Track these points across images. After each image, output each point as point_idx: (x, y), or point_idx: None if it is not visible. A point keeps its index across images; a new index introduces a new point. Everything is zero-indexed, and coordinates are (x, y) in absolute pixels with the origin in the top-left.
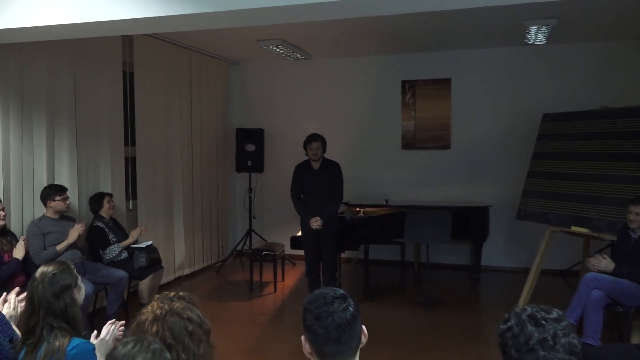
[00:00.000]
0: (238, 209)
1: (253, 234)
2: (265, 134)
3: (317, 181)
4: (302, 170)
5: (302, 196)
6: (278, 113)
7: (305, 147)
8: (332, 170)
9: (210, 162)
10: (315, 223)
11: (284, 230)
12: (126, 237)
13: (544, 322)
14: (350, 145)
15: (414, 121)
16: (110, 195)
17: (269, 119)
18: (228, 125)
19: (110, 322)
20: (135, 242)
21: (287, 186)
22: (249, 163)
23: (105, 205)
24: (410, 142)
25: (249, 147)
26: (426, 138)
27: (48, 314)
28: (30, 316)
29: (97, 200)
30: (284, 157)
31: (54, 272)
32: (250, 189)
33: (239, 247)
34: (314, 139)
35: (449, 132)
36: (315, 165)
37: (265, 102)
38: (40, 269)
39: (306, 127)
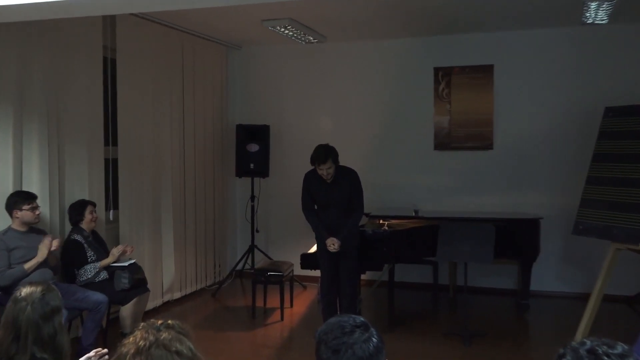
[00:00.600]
0: (238, 221)
1: (256, 250)
2: (271, 131)
3: (332, 193)
4: (312, 179)
5: (315, 207)
6: (286, 107)
7: (312, 164)
8: (348, 180)
9: (206, 165)
10: (332, 246)
11: (293, 247)
12: (108, 255)
13: (606, 358)
14: (373, 145)
15: (449, 116)
16: (94, 204)
17: (275, 114)
18: (227, 121)
19: (94, 351)
20: (116, 260)
21: (297, 194)
22: (252, 166)
23: (88, 216)
24: (444, 142)
25: (252, 148)
26: (463, 136)
27: (35, 341)
28: (11, 343)
29: (77, 210)
30: (294, 159)
31: (42, 292)
32: (252, 197)
33: (240, 267)
34: (322, 161)
35: (491, 129)
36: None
37: (272, 93)
38: (25, 289)
39: (320, 124)
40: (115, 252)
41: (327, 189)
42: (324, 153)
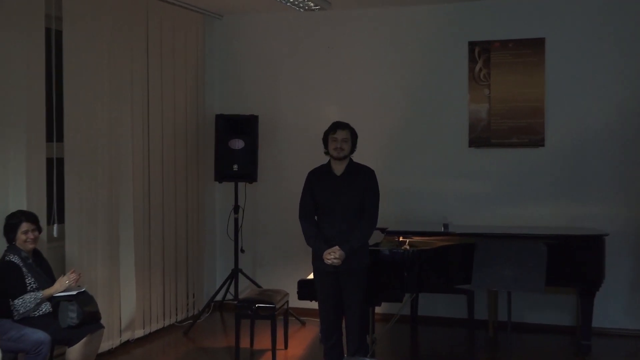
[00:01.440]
0: (218, 239)
1: (241, 276)
2: (260, 123)
3: (341, 193)
4: (318, 177)
5: (315, 217)
6: (280, 92)
7: (325, 139)
8: (363, 178)
9: (177, 167)
10: (332, 255)
11: (288, 271)
12: (53, 281)
13: None
14: (390, 141)
15: (488, 104)
16: (32, 219)
17: (266, 102)
18: (204, 110)
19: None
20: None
21: (294, 202)
22: (235, 168)
23: (21, 236)
24: (482, 137)
25: (236, 144)
26: (507, 130)
27: None
28: None
29: (10, 227)
30: (290, 158)
31: None
32: (236, 208)
33: (219, 297)
34: (340, 127)
35: (542, 121)
36: (339, 170)
37: (261, 75)
38: None
39: (323, 114)
40: (64, 280)
41: (335, 187)
42: (344, 122)
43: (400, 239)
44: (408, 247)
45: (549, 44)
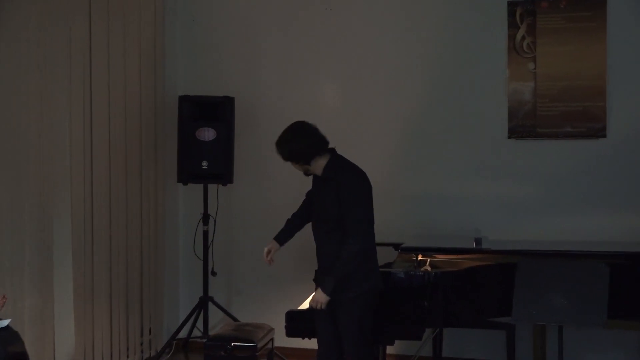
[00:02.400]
0: (182, 258)
1: (212, 306)
2: (237, 108)
3: (317, 201)
4: (314, 182)
5: (300, 218)
6: (263, 68)
7: None
8: (335, 183)
9: (129, 166)
10: (315, 299)
11: (273, 300)
12: None
13: None
14: (404, 132)
15: (534, 83)
16: None
17: (244, 80)
18: (164, 91)
19: None
20: None
21: (281, 210)
22: (205, 165)
23: None
24: (525, 125)
25: (206, 134)
26: (558, 116)
27: None
28: None
29: None
30: (275, 153)
31: None
32: (206, 218)
33: (183, 333)
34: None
35: (602, 105)
36: (319, 170)
37: (238, 46)
38: None
39: (318, 96)
40: None
41: (315, 191)
42: (278, 140)
43: (420, 257)
44: (429, 269)
45: (611, 5)
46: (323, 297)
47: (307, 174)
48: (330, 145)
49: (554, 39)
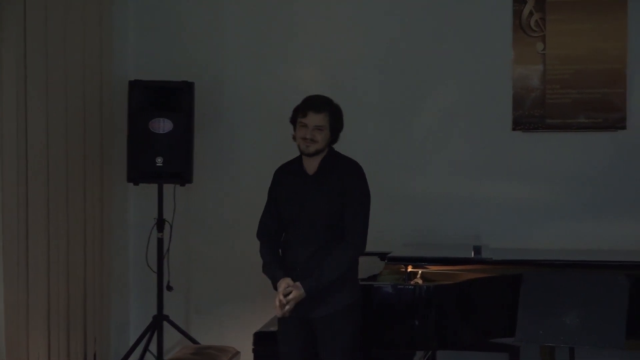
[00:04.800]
0: (132, 270)
1: (167, 326)
2: (197, 95)
3: (309, 199)
4: (286, 176)
5: (276, 235)
6: (228, 48)
7: (294, 121)
8: (339, 176)
9: (70, 163)
10: (285, 299)
11: (239, 319)
12: None
13: None
14: (392, 123)
15: (542, 66)
16: None
17: (206, 62)
18: (112, 75)
19: None
20: None
21: (248, 215)
22: (160, 162)
23: None
24: (532, 115)
25: (161, 126)
26: (570, 105)
27: None
28: None
29: None
30: (241, 148)
31: None
32: (160, 223)
33: (135, 358)
34: (314, 107)
35: (623, 92)
36: (311, 166)
37: (200, 22)
38: None
39: (293, 81)
40: None
41: (304, 191)
42: (321, 99)
43: (410, 269)
44: (420, 282)
45: None
46: (299, 295)
47: (309, 145)
48: None
49: (566, 15)
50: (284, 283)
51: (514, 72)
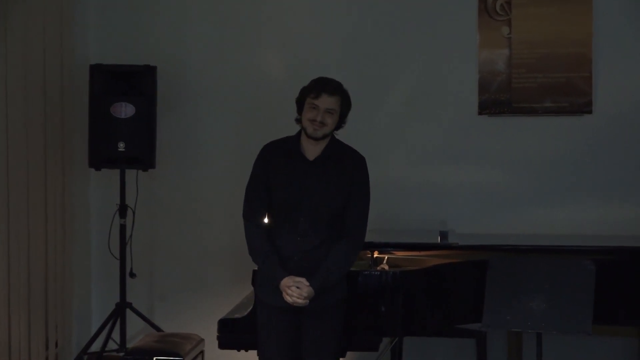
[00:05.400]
0: (95, 257)
1: (130, 313)
2: (159, 79)
3: (312, 187)
4: (279, 157)
5: (267, 220)
6: (192, 30)
7: (301, 102)
8: (348, 168)
9: (30, 148)
10: (295, 293)
11: (203, 306)
12: None
13: None
14: (356, 108)
15: (508, 50)
16: None
17: (169, 45)
18: (72, 59)
19: None
20: None
21: (212, 201)
22: (122, 147)
23: None
24: (498, 100)
25: (122, 111)
26: (536, 89)
27: None
28: None
29: None
30: (207, 133)
31: None
32: (123, 209)
33: (97, 346)
34: (327, 89)
35: (589, 76)
36: (312, 151)
37: (161, 6)
38: None
39: (260, 64)
40: None
41: (305, 177)
42: (334, 82)
43: (376, 255)
44: (387, 268)
45: None
46: (311, 293)
47: (316, 134)
48: (273, 124)
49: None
50: (290, 281)
51: (480, 56)
